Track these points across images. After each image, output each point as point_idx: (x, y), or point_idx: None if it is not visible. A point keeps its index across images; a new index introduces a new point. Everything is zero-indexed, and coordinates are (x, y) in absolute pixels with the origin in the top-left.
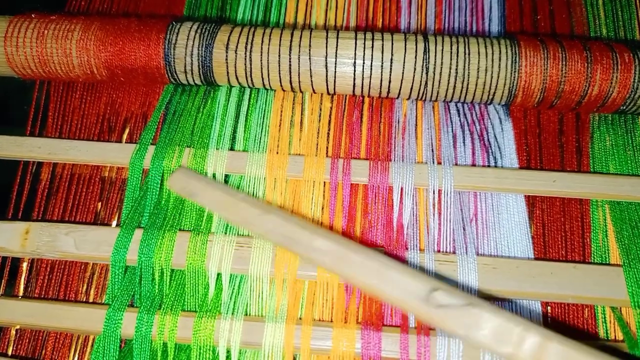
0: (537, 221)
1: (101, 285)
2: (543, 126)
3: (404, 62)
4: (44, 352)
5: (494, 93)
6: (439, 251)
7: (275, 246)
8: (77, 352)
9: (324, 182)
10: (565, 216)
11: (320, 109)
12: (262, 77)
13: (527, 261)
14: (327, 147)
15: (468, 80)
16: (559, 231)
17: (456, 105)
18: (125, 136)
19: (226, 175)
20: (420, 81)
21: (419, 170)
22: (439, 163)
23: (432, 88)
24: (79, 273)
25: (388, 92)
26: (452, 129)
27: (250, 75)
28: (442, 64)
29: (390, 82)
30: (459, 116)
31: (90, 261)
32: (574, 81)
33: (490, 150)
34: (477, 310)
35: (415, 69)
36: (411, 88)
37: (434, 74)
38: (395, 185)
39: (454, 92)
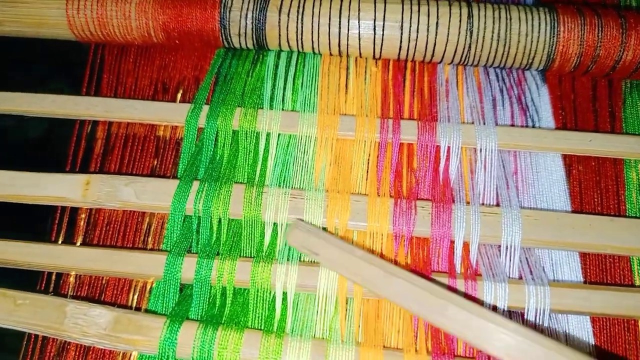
0: (574, 180)
1: (157, 237)
2: (577, 92)
3: (449, 26)
4: (103, 297)
5: (533, 57)
6: (482, 204)
7: (328, 197)
8: (136, 297)
9: (374, 141)
10: (600, 175)
11: (366, 73)
12: (312, 40)
13: (567, 214)
14: (374, 109)
15: (509, 44)
16: (595, 189)
17: (495, 71)
18: (179, 97)
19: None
20: (464, 44)
21: (464, 129)
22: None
23: (475, 52)
24: (135, 225)
25: (432, 55)
26: (492, 93)
27: (301, 39)
28: (485, 28)
29: (435, 45)
30: (497, 81)
31: (150, 210)
32: (609, 46)
33: (528, 113)
34: None
35: (459, 32)
36: (455, 51)
37: (477, 37)
38: (442, 144)
39: (495, 55)
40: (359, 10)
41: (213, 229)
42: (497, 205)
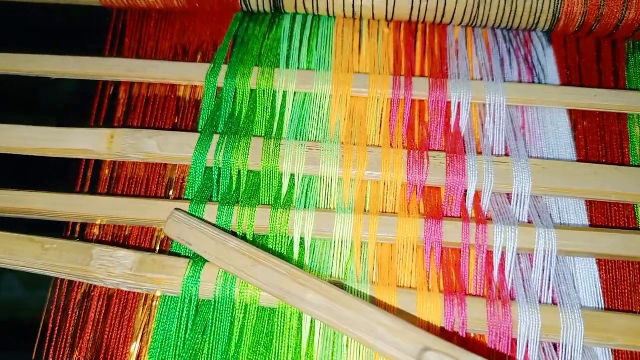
0: (579, 134)
1: (179, 191)
2: (582, 53)
3: None
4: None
5: (539, 17)
6: (493, 153)
7: (343, 149)
8: (158, 246)
9: (387, 97)
10: (604, 130)
11: (379, 34)
12: (327, 2)
13: (573, 162)
14: (387, 67)
15: (516, 3)
16: (600, 142)
17: (502, 32)
18: (198, 60)
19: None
20: (473, 4)
21: (474, 86)
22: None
23: (484, 11)
24: (157, 180)
25: (443, 15)
26: (500, 54)
27: (317, 1)
28: None
29: (445, 4)
30: (505, 42)
31: (172, 162)
32: (613, 5)
33: (534, 72)
34: None
35: None
36: (464, 11)
37: None
38: (453, 100)
39: (503, 15)
40: None
41: (233, 180)
42: (507, 155)
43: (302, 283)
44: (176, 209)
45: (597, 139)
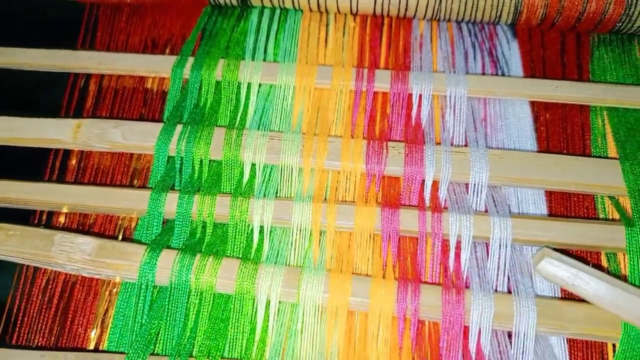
0: (541, 126)
1: (143, 180)
2: (546, 46)
3: None
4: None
5: (502, 9)
6: (452, 144)
7: (304, 139)
8: (121, 235)
9: (349, 89)
10: (566, 122)
11: (345, 28)
12: None
13: (532, 153)
14: (351, 60)
15: None
16: (561, 134)
17: (467, 26)
18: (167, 52)
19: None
20: None
21: (436, 78)
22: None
23: (446, 4)
24: (122, 169)
25: (406, 9)
26: (464, 47)
27: None
28: None
29: None
30: (470, 36)
31: (136, 151)
32: None
33: (498, 65)
34: None
35: None
36: (427, 4)
37: None
38: (414, 91)
39: (465, 8)
40: None
41: (195, 169)
42: (466, 146)
43: None
44: (546, 246)
45: (559, 130)
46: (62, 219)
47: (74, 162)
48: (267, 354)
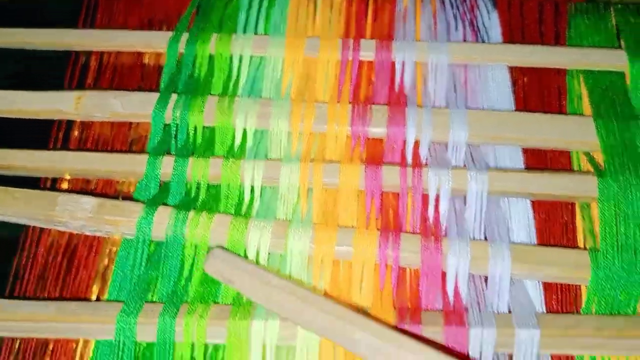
0: (519, 89)
1: (141, 148)
2: (525, 16)
3: None
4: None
5: None
6: (434, 106)
7: (293, 104)
8: (120, 197)
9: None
10: (544, 85)
11: (332, 4)
12: None
13: (510, 112)
14: (338, 32)
15: None
16: (539, 96)
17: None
18: (164, 30)
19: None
20: None
21: (418, 46)
22: None
23: None
24: (121, 138)
25: None
26: (446, 19)
27: None
28: None
29: None
30: (452, 9)
31: (135, 120)
32: None
33: (479, 35)
34: None
35: None
36: None
37: None
38: (398, 59)
39: None
40: None
41: (189, 135)
42: (447, 107)
43: (351, 323)
44: (218, 246)
45: (537, 93)
46: (64, 186)
47: (76, 133)
48: None
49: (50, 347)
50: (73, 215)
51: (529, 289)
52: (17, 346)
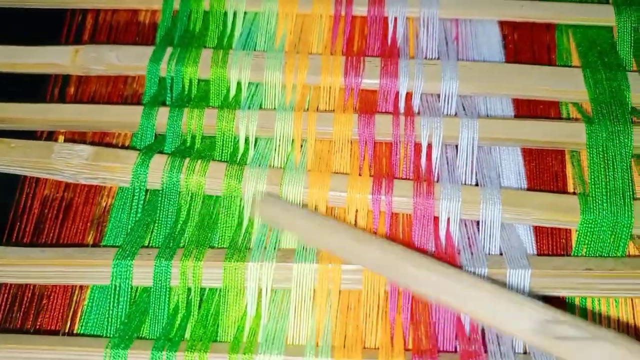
0: (509, 44)
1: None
2: None
3: None
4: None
5: None
6: (425, 58)
7: (286, 56)
8: (119, 144)
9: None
10: (534, 40)
11: None
12: None
13: (500, 63)
14: None
15: None
16: (529, 51)
17: None
18: None
19: None
20: None
21: (410, 1)
22: None
23: None
24: (117, 93)
25: None
26: None
27: None
28: None
29: None
30: None
31: (131, 72)
32: None
33: None
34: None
35: None
36: None
37: None
38: (390, 14)
39: None
40: None
41: (185, 87)
42: (438, 58)
43: (411, 262)
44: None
45: (527, 48)
46: (60, 139)
47: (72, 89)
48: (252, 244)
49: (47, 294)
50: (69, 162)
51: (521, 234)
52: (13, 295)
